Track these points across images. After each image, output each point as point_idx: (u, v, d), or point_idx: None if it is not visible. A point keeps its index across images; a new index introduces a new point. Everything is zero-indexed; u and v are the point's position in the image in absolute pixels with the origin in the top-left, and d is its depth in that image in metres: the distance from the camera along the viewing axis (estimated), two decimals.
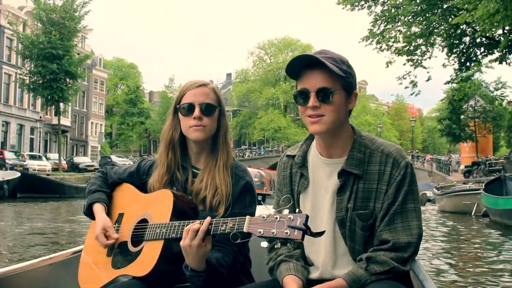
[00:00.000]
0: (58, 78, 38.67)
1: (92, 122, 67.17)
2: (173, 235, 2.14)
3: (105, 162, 49.50)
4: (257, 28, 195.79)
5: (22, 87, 42.84)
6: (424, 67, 26.35)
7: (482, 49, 25.90)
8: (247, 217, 1.88)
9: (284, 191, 2.25)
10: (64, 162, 45.24)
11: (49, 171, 39.38)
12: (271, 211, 1.87)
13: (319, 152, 2.17)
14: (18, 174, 28.54)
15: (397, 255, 1.97)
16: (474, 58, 26.20)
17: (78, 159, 49.75)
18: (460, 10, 21.75)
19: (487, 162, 34.50)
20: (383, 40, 25.69)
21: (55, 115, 45.67)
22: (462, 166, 42.35)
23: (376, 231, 2.05)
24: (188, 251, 2.04)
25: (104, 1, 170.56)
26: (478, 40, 25.45)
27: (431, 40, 25.76)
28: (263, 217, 1.83)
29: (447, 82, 28.39)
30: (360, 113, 71.16)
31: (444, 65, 26.68)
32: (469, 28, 25.16)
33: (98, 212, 2.49)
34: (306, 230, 1.73)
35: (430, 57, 26.45)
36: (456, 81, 27.94)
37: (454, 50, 26.07)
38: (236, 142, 70.71)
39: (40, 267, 2.71)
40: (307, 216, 1.75)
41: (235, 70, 75.44)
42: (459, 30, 25.44)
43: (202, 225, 2.02)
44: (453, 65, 26.63)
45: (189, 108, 2.38)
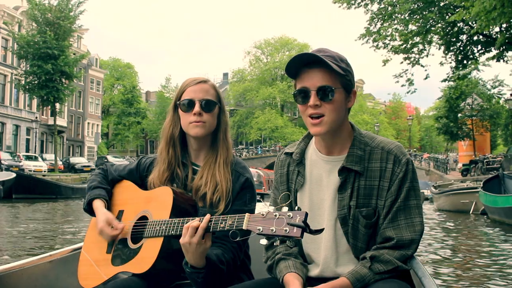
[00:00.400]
0: (54, 78, 38.60)
1: (89, 123, 67.09)
2: (173, 232, 2.14)
3: (102, 163, 49.13)
4: (254, 28, 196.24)
5: (18, 88, 42.68)
6: (422, 65, 26.35)
7: (479, 47, 25.87)
8: (246, 215, 1.89)
9: (281, 189, 2.25)
10: (60, 163, 45.19)
11: (45, 172, 39.23)
12: (271, 209, 1.85)
13: (319, 150, 2.16)
14: (14, 175, 28.33)
15: (401, 253, 1.98)
16: (471, 56, 26.17)
17: (74, 160, 49.57)
18: (457, 8, 21.69)
19: (485, 160, 34.47)
20: (380, 38, 25.64)
21: (51, 116, 45.59)
22: (460, 165, 42.30)
23: (379, 229, 2.05)
24: (188, 248, 2.04)
25: (101, 2, 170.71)
26: (475, 38, 25.45)
27: (428, 38, 25.75)
28: (262, 215, 1.83)
29: (444, 80, 28.39)
30: (357, 112, 71.27)
31: (441, 63, 26.68)
32: (466, 26, 25.12)
33: (99, 208, 2.49)
34: (305, 228, 1.73)
35: (427, 55, 26.44)
36: (453, 79, 27.94)
37: (451, 48, 26.04)
38: (233, 142, 69.91)
39: (40, 265, 2.71)
40: (307, 214, 1.75)
41: (232, 70, 75.59)
42: (456, 28, 25.42)
43: (202, 222, 2.02)
44: (450, 63, 26.62)
45: (189, 104, 2.39)
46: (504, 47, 23.55)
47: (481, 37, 25.13)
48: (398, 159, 2.05)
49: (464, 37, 26.07)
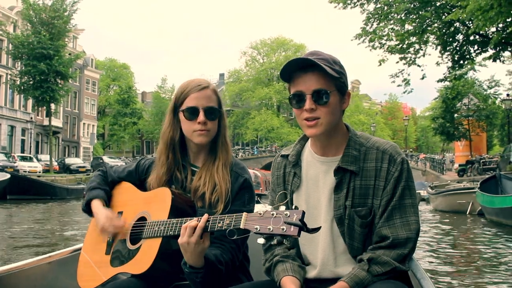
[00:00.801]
0: (49, 79, 38.57)
1: (84, 123, 66.98)
2: (171, 233, 2.15)
3: (97, 163, 49.30)
4: (253, 28, 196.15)
5: (13, 88, 42.55)
6: (418, 65, 26.30)
7: (476, 47, 25.83)
8: (244, 214, 1.90)
9: (278, 191, 2.26)
10: (55, 163, 44.99)
11: (40, 173, 39.05)
12: (268, 208, 1.86)
13: (314, 151, 2.18)
14: (8, 176, 28.22)
15: (398, 253, 1.99)
16: (468, 56, 26.14)
17: (70, 160, 49.42)
18: (453, 8, 21.64)
19: (481, 161, 34.41)
20: (376, 38, 25.59)
21: (46, 116, 45.39)
22: (456, 165, 42.27)
23: (375, 228, 2.05)
24: (186, 248, 2.04)
25: (100, 1, 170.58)
26: (472, 38, 25.41)
27: (424, 38, 25.69)
28: (260, 214, 1.84)
29: (440, 80, 28.34)
30: (354, 113, 71.31)
31: (438, 63, 26.64)
32: (463, 26, 25.09)
33: (98, 207, 2.49)
34: (303, 226, 1.74)
35: (424, 55, 26.40)
36: (449, 79, 27.92)
37: (448, 48, 26.01)
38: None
39: (39, 266, 2.71)
40: (303, 212, 1.75)
41: (228, 70, 75.51)
42: (453, 28, 25.37)
43: (200, 222, 2.02)
44: (447, 63, 26.59)
45: (193, 112, 2.37)
46: (501, 47, 23.54)
47: (478, 37, 25.10)
48: (393, 159, 2.06)
49: (461, 37, 26.04)
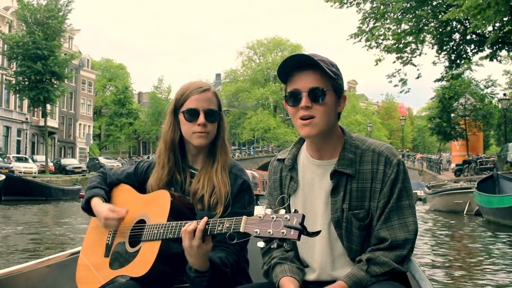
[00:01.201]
0: (44, 79, 38.50)
1: (80, 124, 66.75)
2: (170, 236, 2.14)
3: (93, 164, 49.24)
4: (252, 27, 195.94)
5: (8, 88, 42.45)
6: (414, 65, 26.25)
7: (473, 46, 25.78)
8: (244, 217, 1.88)
9: (275, 195, 2.27)
10: (51, 164, 44.82)
11: (36, 173, 38.92)
12: (268, 211, 1.84)
13: (310, 155, 2.17)
14: (3, 177, 28.09)
15: (396, 254, 1.98)
16: (465, 55, 26.10)
17: (65, 161, 49.20)
18: (450, 7, 21.58)
19: (478, 161, 34.37)
20: (373, 38, 25.52)
21: (42, 117, 45.22)
22: (453, 165, 42.24)
23: (373, 230, 2.05)
24: (190, 252, 2.03)
25: (99, 1, 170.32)
26: (468, 37, 25.36)
27: (421, 38, 25.64)
28: (260, 217, 1.83)
29: (437, 80, 28.32)
30: (350, 113, 71.35)
31: (434, 63, 26.59)
32: (459, 25, 25.04)
33: (98, 203, 2.48)
34: (303, 230, 1.73)
35: (420, 55, 26.36)
36: (446, 79, 27.89)
37: (444, 47, 25.94)
38: None
39: (38, 269, 2.71)
40: (304, 216, 1.74)
41: (224, 70, 75.41)
42: (449, 27, 25.31)
43: (199, 225, 2.01)
44: (443, 63, 26.54)
45: (194, 114, 2.38)
46: (497, 47, 23.49)
47: (474, 37, 25.06)
48: (389, 161, 2.05)
49: (457, 36, 25.98)
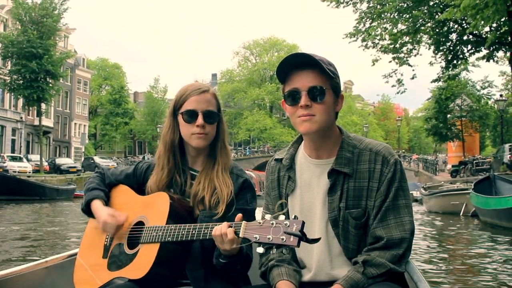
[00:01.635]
0: (39, 78, 38.43)
1: (76, 123, 66.57)
2: (169, 239, 2.16)
3: (88, 164, 49.05)
4: (250, 27, 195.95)
5: (3, 87, 42.26)
6: (410, 65, 26.21)
7: (469, 47, 25.74)
8: (243, 222, 1.90)
9: (273, 195, 2.28)
10: (46, 164, 44.62)
11: (30, 173, 38.73)
12: (267, 217, 1.84)
13: (308, 154, 2.18)
14: None
15: (392, 254, 1.98)
16: (461, 56, 26.04)
17: (60, 161, 48.97)
18: (447, 7, 21.51)
19: (474, 162, 34.28)
20: (369, 38, 25.47)
21: (37, 116, 45.04)
22: (449, 166, 42.18)
23: (370, 229, 2.05)
24: (222, 242, 2.03)
25: (97, 1, 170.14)
26: (465, 38, 25.32)
27: (418, 38, 25.59)
28: (259, 223, 1.84)
29: (434, 80, 28.28)
30: (346, 113, 71.36)
31: (431, 63, 26.56)
32: (456, 25, 24.98)
33: (98, 206, 2.47)
34: (302, 237, 1.73)
35: (416, 55, 26.34)
36: (443, 79, 27.85)
37: (441, 48, 25.92)
38: None
39: (36, 271, 2.70)
40: (303, 222, 1.75)
41: (220, 70, 75.31)
42: (446, 27, 25.26)
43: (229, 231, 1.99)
44: (440, 63, 26.51)
45: (192, 115, 2.38)
46: (494, 47, 23.44)
47: (471, 37, 25.01)
48: (387, 160, 2.06)
49: (454, 37, 25.94)
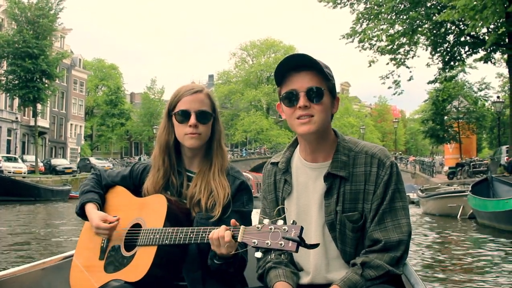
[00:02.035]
0: (35, 78, 38.39)
1: (72, 124, 66.35)
2: (167, 242, 2.16)
3: (84, 164, 48.94)
4: (250, 27, 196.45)
5: None
6: (407, 67, 26.22)
7: (467, 48, 25.74)
8: (242, 227, 1.91)
9: (269, 198, 2.28)
10: (41, 164, 44.42)
11: (25, 173, 38.53)
12: (266, 222, 1.84)
13: (303, 158, 2.18)
14: None
15: (390, 256, 1.98)
16: (458, 57, 26.04)
17: (56, 161, 48.71)
18: (444, 8, 21.48)
19: (471, 163, 34.24)
20: (365, 37, 25.44)
21: (33, 116, 44.85)
22: (446, 168, 42.08)
23: (367, 232, 2.05)
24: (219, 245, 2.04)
25: (97, 1, 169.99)
26: (462, 39, 25.32)
27: (415, 39, 25.59)
28: (258, 228, 1.84)
29: (431, 82, 28.29)
30: (343, 115, 71.34)
31: (428, 65, 26.59)
32: (454, 27, 24.97)
33: (91, 210, 2.47)
34: (301, 242, 1.74)
35: (413, 56, 26.39)
36: (440, 81, 27.83)
37: (438, 49, 25.92)
38: None
39: (32, 272, 2.69)
40: (302, 228, 1.76)
41: (217, 72, 75.26)
42: (443, 29, 25.25)
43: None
44: (437, 64, 26.51)
45: (185, 116, 2.38)
46: (492, 48, 23.42)
47: (468, 38, 25.00)
48: (382, 162, 2.07)
49: (451, 38, 25.94)
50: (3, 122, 50.07)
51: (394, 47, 25.76)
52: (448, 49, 25.96)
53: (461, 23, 23.78)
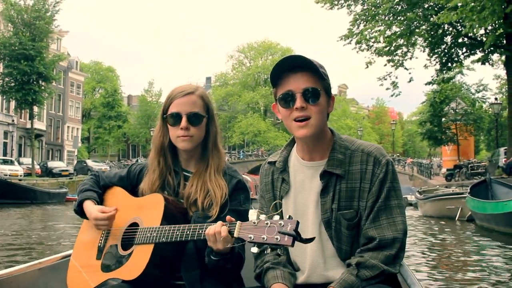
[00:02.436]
0: (31, 80, 38.37)
1: (68, 126, 66.26)
2: (164, 239, 2.16)
3: (81, 167, 48.81)
4: (250, 27, 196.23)
5: None
6: (406, 68, 26.19)
7: (464, 49, 25.73)
8: (238, 223, 1.91)
9: (267, 198, 2.29)
10: (38, 167, 44.29)
11: (21, 176, 38.42)
12: (262, 217, 1.84)
13: (301, 156, 2.19)
14: None
15: (385, 254, 1.98)
16: (456, 59, 26.02)
17: (52, 164, 48.53)
18: (441, 9, 21.44)
19: (469, 165, 34.23)
20: (362, 38, 25.41)
21: (29, 119, 44.74)
22: (444, 170, 42.09)
23: (362, 229, 2.06)
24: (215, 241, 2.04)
25: (97, 2, 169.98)
26: (460, 40, 25.30)
27: (412, 40, 25.56)
28: (254, 223, 1.85)
29: (428, 83, 28.27)
30: (341, 117, 71.47)
31: (426, 66, 26.59)
32: (451, 28, 24.95)
33: (89, 205, 2.49)
34: (296, 236, 1.74)
35: (411, 58, 26.34)
36: (437, 82, 27.83)
37: (436, 50, 25.91)
38: None
39: (29, 272, 2.69)
40: (298, 222, 1.76)
41: (215, 74, 75.23)
42: (441, 30, 25.22)
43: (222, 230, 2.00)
44: (435, 66, 26.49)
45: (176, 118, 2.38)
46: (489, 50, 23.38)
47: (466, 40, 24.97)
48: (378, 160, 2.07)
49: (449, 39, 25.92)
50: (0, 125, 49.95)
51: (392, 49, 25.75)
52: (446, 51, 25.96)
53: (459, 25, 23.75)
